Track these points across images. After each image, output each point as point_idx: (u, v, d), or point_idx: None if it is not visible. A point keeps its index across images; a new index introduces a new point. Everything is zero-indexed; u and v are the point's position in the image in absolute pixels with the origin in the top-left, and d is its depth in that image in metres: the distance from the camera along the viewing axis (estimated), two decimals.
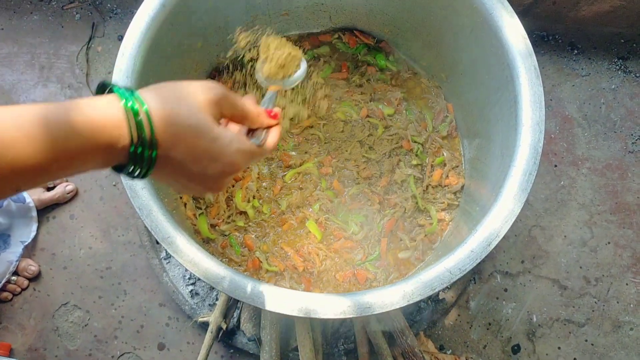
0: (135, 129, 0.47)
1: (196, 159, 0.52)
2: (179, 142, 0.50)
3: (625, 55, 1.73)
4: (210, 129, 0.52)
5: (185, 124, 0.50)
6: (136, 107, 0.47)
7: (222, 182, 0.57)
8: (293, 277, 1.18)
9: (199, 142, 0.51)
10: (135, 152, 0.48)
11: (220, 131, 0.53)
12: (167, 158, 0.50)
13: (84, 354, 1.47)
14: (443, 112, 1.30)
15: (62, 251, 1.53)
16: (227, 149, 0.54)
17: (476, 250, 0.86)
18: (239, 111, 0.59)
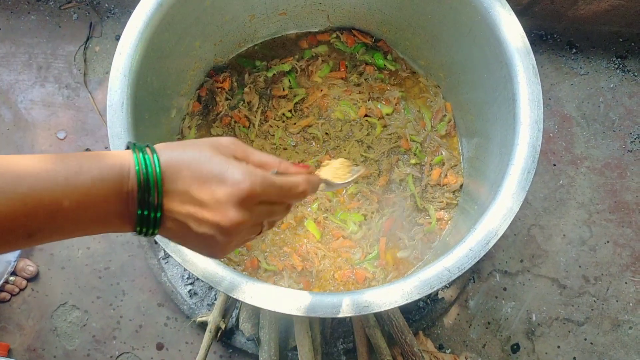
0: (141, 164, 0.47)
1: (202, 184, 0.49)
2: (183, 171, 0.48)
3: (623, 54, 1.73)
4: (215, 156, 0.50)
5: (189, 157, 0.49)
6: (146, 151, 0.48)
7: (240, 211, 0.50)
8: (292, 276, 1.18)
9: (203, 166, 0.49)
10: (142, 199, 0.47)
11: (225, 158, 0.51)
12: (173, 194, 0.49)
13: (83, 354, 1.46)
14: (441, 111, 1.30)
15: (60, 251, 1.53)
16: (233, 169, 0.50)
17: (475, 248, 0.85)
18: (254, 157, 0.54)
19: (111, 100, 0.92)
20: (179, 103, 1.23)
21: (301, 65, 1.33)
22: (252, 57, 1.35)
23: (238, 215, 0.50)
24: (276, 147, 1.27)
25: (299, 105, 1.31)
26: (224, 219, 0.49)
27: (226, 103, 1.29)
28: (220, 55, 1.30)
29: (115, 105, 0.92)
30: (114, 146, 0.91)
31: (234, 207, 0.49)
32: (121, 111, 0.92)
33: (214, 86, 1.29)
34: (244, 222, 0.50)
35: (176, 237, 0.52)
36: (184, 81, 1.23)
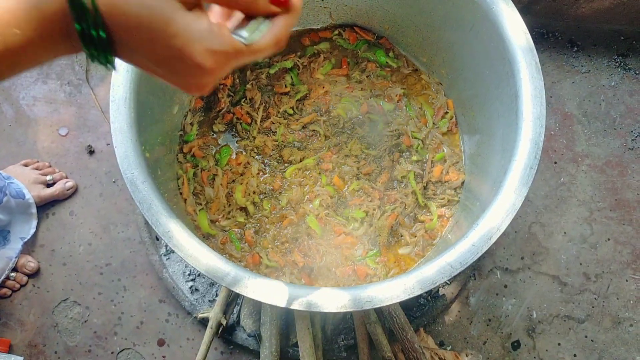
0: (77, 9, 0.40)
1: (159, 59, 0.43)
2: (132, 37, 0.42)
3: (625, 52, 1.73)
4: (169, 21, 0.41)
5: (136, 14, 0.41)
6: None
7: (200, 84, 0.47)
8: (293, 272, 1.18)
9: (156, 38, 0.42)
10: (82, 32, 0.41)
11: (183, 23, 0.42)
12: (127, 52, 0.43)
13: (84, 350, 1.47)
14: (443, 108, 1.30)
15: (61, 247, 1.53)
16: (193, 47, 0.43)
17: (477, 244, 0.86)
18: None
19: (114, 96, 0.93)
20: (181, 99, 1.23)
21: (303, 62, 1.33)
22: None
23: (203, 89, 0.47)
24: (278, 143, 1.27)
25: (301, 102, 1.31)
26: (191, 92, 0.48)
27: (228, 100, 1.29)
28: None
29: (118, 101, 0.92)
30: (117, 141, 0.91)
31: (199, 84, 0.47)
32: (124, 106, 0.92)
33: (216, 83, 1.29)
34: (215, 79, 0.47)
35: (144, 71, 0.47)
36: None
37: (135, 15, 0.40)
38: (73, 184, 1.56)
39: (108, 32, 0.41)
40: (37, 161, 1.57)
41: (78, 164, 1.60)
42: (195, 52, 0.43)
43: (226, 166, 1.25)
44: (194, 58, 0.43)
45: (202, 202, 1.21)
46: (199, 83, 0.46)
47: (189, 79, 0.46)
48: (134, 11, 0.40)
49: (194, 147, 1.24)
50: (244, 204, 1.22)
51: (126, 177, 0.89)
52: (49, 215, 1.55)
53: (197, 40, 0.43)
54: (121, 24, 0.41)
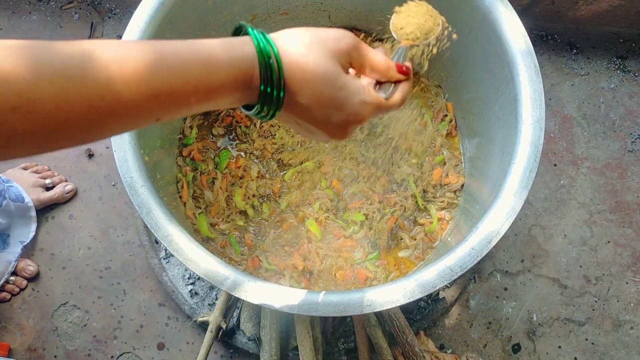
0: (266, 70, 0.49)
1: (321, 106, 0.53)
2: (305, 87, 0.51)
3: (624, 54, 1.73)
4: (337, 78, 0.53)
5: (312, 70, 0.51)
6: (268, 49, 0.50)
7: (345, 132, 0.57)
8: (293, 276, 1.18)
9: (325, 89, 0.52)
10: (265, 92, 0.50)
11: (347, 80, 0.54)
12: (293, 102, 0.52)
13: (83, 354, 1.46)
14: (443, 111, 1.30)
15: (61, 251, 1.53)
16: (353, 99, 0.54)
17: (477, 247, 0.85)
18: (368, 62, 0.59)
19: None
20: None
21: None
22: None
23: (345, 134, 0.57)
24: (277, 147, 1.27)
25: None
26: (332, 135, 0.57)
27: None
28: None
29: None
30: (116, 145, 0.91)
31: (344, 130, 0.57)
32: None
33: None
34: (343, 138, 0.58)
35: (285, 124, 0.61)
36: None
37: (312, 71, 0.51)
38: (72, 188, 1.55)
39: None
40: (36, 164, 1.57)
41: (77, 168, 1.60)
42: (355, 102, 0.55)
43: (225, 169, 1.25)
44: (353, 106, 0.55)
45: (201, 206, 1.21)
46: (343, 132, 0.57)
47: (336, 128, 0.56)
48: (311, 68, 0.51)
49: (194, 150, 1.24)
50: (243, 208, 1.22)
51: (125, 181, 0.89)
52: (48, 218, 1.55)
53: (357, 93, 0.55)
54: (298, 78, 0.51)
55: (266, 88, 0.50)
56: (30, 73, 0.39)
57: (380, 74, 0.60)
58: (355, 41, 0.56)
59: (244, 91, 0.50)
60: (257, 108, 0.52)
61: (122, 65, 0.43)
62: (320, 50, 0.52)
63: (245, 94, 0.51)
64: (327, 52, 0.52)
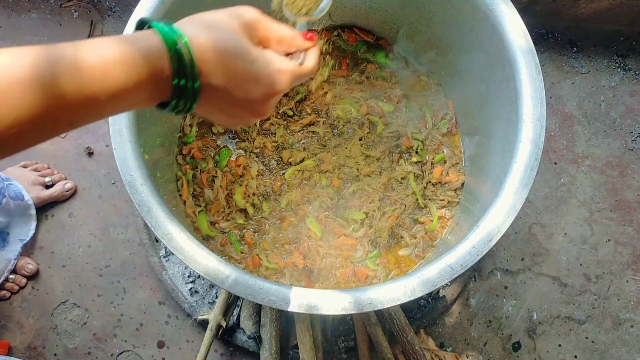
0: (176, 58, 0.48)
1: (238, 83, 0.52)
2: (218, 68, 0.50)
3: (624, 52, 1.73)
4: (248, 51, 0.52)
5: (222, 48, 0.50)
6: (174, 36, 0.48)
7: (267, 106, 0.57)
8: (293, 274, 1.17)
9: (239, 64, 0.51)
10: (179, 85, 0.49)
11: (258, 52, 0.53)
12: (209, 87, 0.51)
13: (83, 352, 1.46)
14: (443, 109, 1.30)
15: (60, 249, 1.53)
16: (268, 69, 0.54)
17: (478, 246, 0.85)
18: (274, 34, 0.58)
19: None
20: None
21: None
22: None
23: (267, 108, 0.57)
24: (277, 145, 1.27)
25: (301, 103, 1.31)
26: (255, 113, 0.57)
27: None
28: None
29: None
30: (116, 143, 0.91)
31: (265, 103, 0.56)
32: None
33: None
34: (266, 114, 0.58)
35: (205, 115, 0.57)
36: None
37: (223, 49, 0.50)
38: (72, 186, 1.55)
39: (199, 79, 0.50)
40: (35, 162, 1.57)
41: (77, 166, 1.59)
42: (271, 71, 0.54)
43: (225, 168, 1.25)
44: (270, 76, 0.54)
45: (201, 204, 1.21)
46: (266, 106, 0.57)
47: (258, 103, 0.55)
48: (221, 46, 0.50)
49: (193, 148, 1.24)
50: (243, 206, 1.21)
51: (125, 179, 0.89)
52: (48, 217, 1.55)
53: (271, 62, 0.54)
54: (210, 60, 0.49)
55: (179, 81, 0.49)
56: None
57: (288, 44, 0.60)
58: (258, 14, 0.56)
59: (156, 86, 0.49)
60: (173, 104, 0.51)
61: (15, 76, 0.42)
62: (225, 27, 0.51)
63: (157, 89, 0.49)
64: (232, 28, 0.52)
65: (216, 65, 0.50)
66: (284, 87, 0.56)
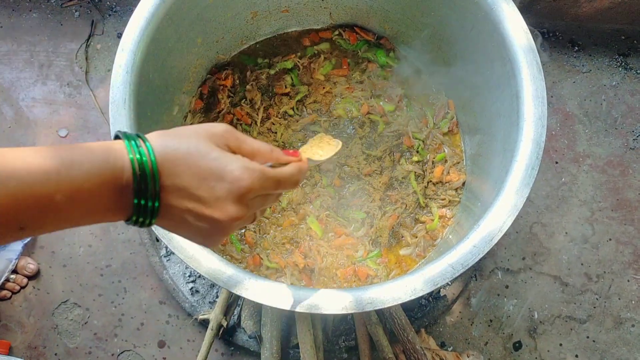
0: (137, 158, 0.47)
1: (200, 181, 0.50)
2: (180, 167, 0.49)
3: (626, 51, 1.72)
4: (211, 151, 0.51)
5: (185, 149, 0.50)
6: (138, 142, 0.49)
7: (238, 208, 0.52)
8: (294, 274, 1.17)
9: (200, 162, 0.50)
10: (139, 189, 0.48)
11: (222, 152, 0.52)
12: (172, 189, 0.49)
13: (84, 351, 1.46)
14: (444, 109, 1.30)
15: (61, 249, 1.53)
16: (231, 165, 0.51)
17: (479, 245, 0.85)
18: (246, 146, 0.55)
19: (114, 97, 0.92)
20: (181, 100, 1.23)
21: (303, 63, 1.33)
22: (254, 54, 1.35)
23: (236, 210, 0.52)
24: (278, 144, 1.27)
25: (301, 102, 1.31)
26: (223, 215, 0.51)
27: (228, 100, 1.28)
28: (222, 53, 1.30)
29: (117, 102, 0.92)
30: None
31: (233, 203, 0.51)
32: (123, 107, 0.92)
33: (216, 83, 1.29)
34: (241, 217, 0.53)
35: (172, 228, 0.54)
36: (186, 78, 1.23)
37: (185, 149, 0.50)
38: None
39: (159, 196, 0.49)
40: None
41: None
42: (233, 167, 0.51)
43: None
44: (234, 172, 0.51)
45: None
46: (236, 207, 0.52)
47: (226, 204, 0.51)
48: (183, 148, 0.50)
49: None
50: None
51: None
52: None
53: (234, 160, 0.51)
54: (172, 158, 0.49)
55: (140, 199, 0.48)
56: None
57: (264, 157, 0.57)
58: (228, 127, 0.54)
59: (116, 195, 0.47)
60: (133, 219, 0.50)
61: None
62: (191, 135, 0.51)
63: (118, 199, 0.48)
64: (199, 135, 0.51)
65: (178, 164, 0.49)
66: (252, 184, 0.52)
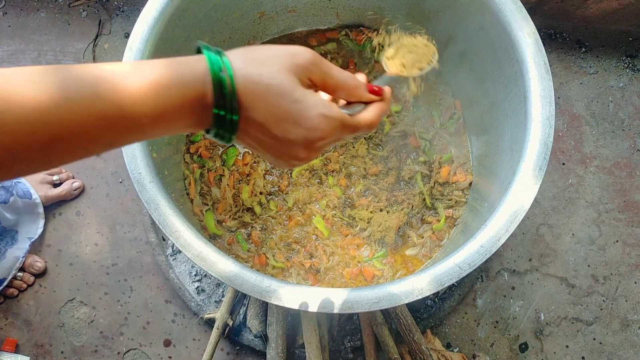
0: (218, 88, 0.47)
1: (277, 121, 0.50)
2: (260, 102, 0.49)
3: (633, 53, 1.72)
4: (293, 90, 0.50)
5: (266, 84, 0.49)
6: (220, 63, 0.48)
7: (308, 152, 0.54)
8: (300, 273, 1.17)
9: (280, 102, 0.49)
10: (219, 115, 0.48)
11: (304, 93, 0.51)
12: (249, 120, 0.50)
13: (90, 350, 1.47)
14: (451, 109, 1.30)
15: (68, 247, 1.53)
16: (310, 112, 0.51)
17: (486, 245, 0.85)
18: (331, 79, 0.54)
19: None
20: None
21: None
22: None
23: (305, 155, 0.54)
24: None
25: None
26: (294, 157, 0.54)
27: None
28: None
29: None
30: None
31: (304, 149, 0.53)
32: None
33: None
34: (308, 159, 0.55)
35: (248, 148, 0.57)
36: None
37: (266, 84, 0.49)
38: (80, 184, 1.56)
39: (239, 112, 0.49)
40: None
41: (85, 165, 1.60)
42: (312, 115, 0.51)
43: (233, 166, 1.25)
44: (312, 120, 0.51)
45: (208, 203, 1.21)
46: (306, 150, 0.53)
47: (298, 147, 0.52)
48: (264, 81, 0.49)
49: (201, 147, 1.24)
50: (250, 205, 1.21)
51: (134, 177, 0.89)
52: (55, 215, 1.55)
53: (314, 106, 0.51)
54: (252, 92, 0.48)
55: (219, 111, 0.48)
56: None
57: (347, 93, 0.56)
58: (314, 56, 0.53)
59: (198, 113, 0.48)
60: (214, 132, 0.50)
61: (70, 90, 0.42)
62: (274, 64, 0.50)
63: (199, 116, 0.49)
64: (282, 66, 0.50)
65: (258, 98, 0.49)
66: (327, 134, 0.52)
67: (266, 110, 0.49)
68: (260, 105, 0.49)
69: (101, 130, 0.44)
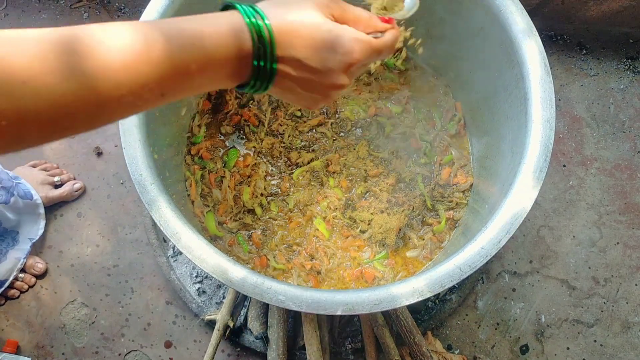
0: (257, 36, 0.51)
1: (315, 52, 0.54)
2: (296, 39, 0.53)
3: (634, 55, 1.72)
4: (324, 22, 0.55)
5: (299, 21, 0.53)
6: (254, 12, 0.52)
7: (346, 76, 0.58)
8: (301, 275, 1.18)
9: (315, 34, 0.54)
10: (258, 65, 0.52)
11: (334, 24, 0.56)
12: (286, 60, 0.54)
13: (91, 351, 1.47)
14: (451, 111, 1.30)
15: (69, 249, 1.54)
16: (344, 37, 0.56)
17: (487, 247, 0.85)
18: (349, 13, 0.60)
19: None
20: (188, 101, 1.23)
21: None
22: None
23: (345, 80, 0.58)
24: (286, 145, 1.27)
25: None
26: (333, 85, 0.58)
27: (236, 102, 1.29)
28: None
29: None
30: (126, 142, 0.91)
31: (343, 74, 0.58)
32: None
33: None
34: (346, 85, 0.59)
35: (280, 94, 0.60)
36: None
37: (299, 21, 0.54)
38: (81, 186, 1.56)
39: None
40: (45, 162, 1.58)
41: (86, 166, 1.60)
42: (345, 40, 0.56)
43: (234, 168, 1.25)
44: (347, 44, 0.56)
45: (209, 204, 1.21)
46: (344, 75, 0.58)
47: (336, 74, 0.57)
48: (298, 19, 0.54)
49: (202, 149, 1.25)
50: (251, 206, 1.22)
51: (135, 178, 0.89)
52: (56, 216, 1.56)
53: (346, 32, 0.56)
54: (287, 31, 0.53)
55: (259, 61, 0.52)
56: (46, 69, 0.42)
57: (364, 25, 0.62)
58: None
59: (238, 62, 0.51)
60: (251, 83, 0.54)
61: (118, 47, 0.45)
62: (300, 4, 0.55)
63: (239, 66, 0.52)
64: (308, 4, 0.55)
65: (294, 35, 0.53)
66: (361, 56, 0.57)
67: (302, 45, 0.53)
68: (297, 41, 0.53)
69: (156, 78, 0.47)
